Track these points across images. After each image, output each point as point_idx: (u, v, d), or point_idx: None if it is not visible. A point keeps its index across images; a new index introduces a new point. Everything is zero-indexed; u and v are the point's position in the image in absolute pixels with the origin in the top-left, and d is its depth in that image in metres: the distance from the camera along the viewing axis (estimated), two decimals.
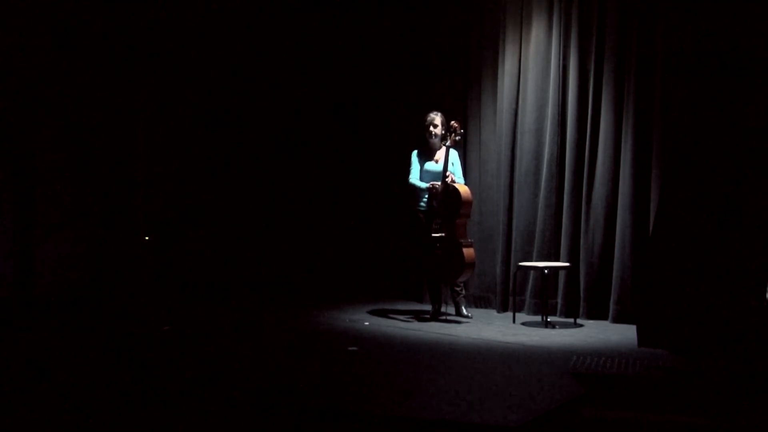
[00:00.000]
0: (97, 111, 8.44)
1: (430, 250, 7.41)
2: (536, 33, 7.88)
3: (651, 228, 6.87)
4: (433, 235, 7.39)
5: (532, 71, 7.89)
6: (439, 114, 7.58)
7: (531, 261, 7.67)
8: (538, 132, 7.86)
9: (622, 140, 7.37)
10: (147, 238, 8.72)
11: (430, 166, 7.53)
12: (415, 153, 7.63)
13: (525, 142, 7.92)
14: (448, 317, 7.48)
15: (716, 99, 6.24)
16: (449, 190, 7.33)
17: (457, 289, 7.58)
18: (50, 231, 8.07)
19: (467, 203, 7.35)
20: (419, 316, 7.64)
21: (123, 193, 8.63)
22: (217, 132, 9.21)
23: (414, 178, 7.57)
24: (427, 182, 7.48)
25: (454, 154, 7.55)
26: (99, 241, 8.47)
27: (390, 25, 8.91)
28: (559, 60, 7.72)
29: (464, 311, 7.55)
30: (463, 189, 7.36)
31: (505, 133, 8.02)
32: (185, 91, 8.98)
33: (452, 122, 7.49)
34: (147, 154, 8.79)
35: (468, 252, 7.33)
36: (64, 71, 8.17)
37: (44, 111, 8.08)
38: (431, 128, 7.52)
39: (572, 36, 7.67)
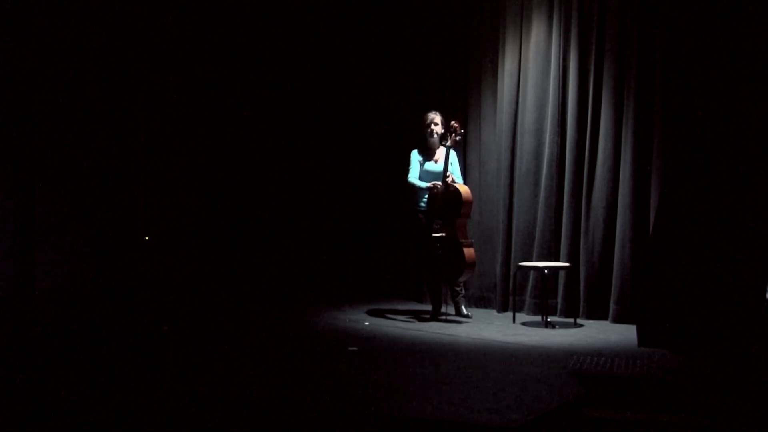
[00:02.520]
0: (97, 110, 8.43)
1: (431, 250, 7.40)
2: (536, 33, 7.88)
3: (651, 228, 6.87)
4: (434, 235, 7.38)
5: (532, 71, 7.88)
6: (438, 113, 7.58)
7: (531, 261, 7.67)
8: (538, 132, 7.85)
9: (622, 140, 7.37)
10: (147, 238, 8.72)
11: (429, 166, 7.53)
12: (414, 152, 7.63)
13: (525, 142, 7.92)
14: (448, 317, 7.48)
15: (716, 98, 6.24)
16: (449, 190, 7.34)
17: (457, 289, 7.58)
18: (50, 231, 8.07)
19: (467, 203, 7.36)
20: (419, 316, 7.64)
21: (123, 193, 8.63)
22: (217, 132, 9.21)
23: (413, 177, 7.56)
24: (426, 182, 7.48)
25: (453, 154, 7.55)
26: (99, 241, 8.47)
27: (390, 25, 8.90)
28: (559, 60, 7.72)
29: (464, 311, 7.55)
30: (463, 189, 7.36)
31: (505, 133, 8.02)
32: (185, 90, 8.98)
33: (452, 122, 7.49)
34: (147, 153, 8.79)
35: (468, 252, 7.34)
36: (64, 70, 8.17)
37: (44, 111, 8.08)
38: (432, 127, 7.51)
39: (572, 36, 7.67)
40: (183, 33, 8.89)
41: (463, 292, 7.69)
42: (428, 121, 7.53)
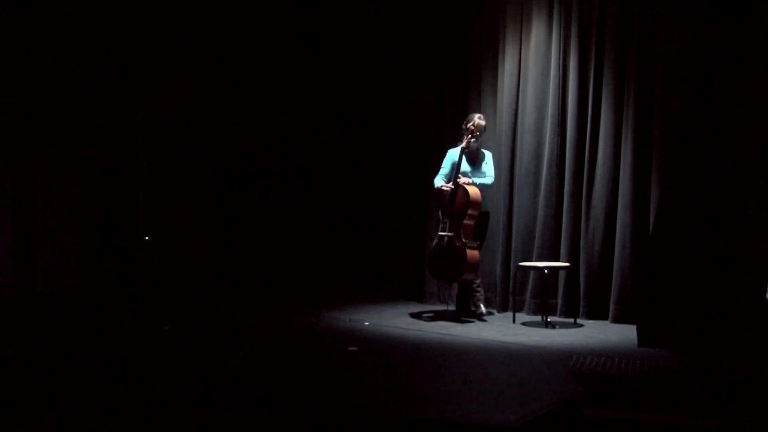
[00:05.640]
0: (97, 111, 8.43)
1: (436, 249, 7.43)
2: (536, 33, 7.88)
3: (651, 228, 6.87)
4: (440, 233, 7.41)
5: (532, 71, 7.88)
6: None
7: (531, 261, 7.66)
8: (538, 132, 7.85)
9: (622, 140, 7.38)
10: (147, 238, 8.72)
11: (463, 166, 7.51)
12: (451, 152, 7.60)
13: (525, 142, 7.92)
14: (463, 319, 7.45)
15: (716, 98, 6.24)
16: (459, 191, 7.34)
17: (476, 287, 7.56)
18: (50, 232, 8.07)
19: (474, 204, 7.33)
20: (426, 317, 7.64)
21: (123, 194, 8.63)
22: (217, 130, 9.21)
23: (437, 178, 7.58)
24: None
25: (489, 154, 7.59)
26: (99, 242, 8.47)
27: (390, 25, 8.90)
28: (559, 60, 7.72)
29: (482, 309, 7.57)
30: (472, 190, 7.34)
31: (505, 133, 8.02)
32: (185, 91, 8.98)
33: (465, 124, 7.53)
34: (147, 153, 8.79)
35: (471, 253, 7.34)
36: (64, 71, 8.17)
37: (44, 111, 8.08)
38: (477, 133, 7.46)
39: (572, 36, 7.67)
40: (181, 31, 8.88)
41: (481, 290, 7.66)
42: (477, 127, 7.44)
